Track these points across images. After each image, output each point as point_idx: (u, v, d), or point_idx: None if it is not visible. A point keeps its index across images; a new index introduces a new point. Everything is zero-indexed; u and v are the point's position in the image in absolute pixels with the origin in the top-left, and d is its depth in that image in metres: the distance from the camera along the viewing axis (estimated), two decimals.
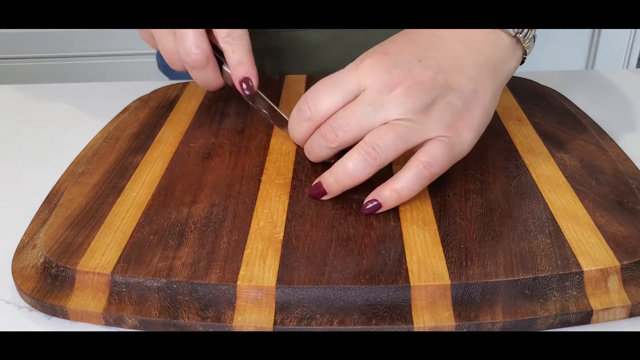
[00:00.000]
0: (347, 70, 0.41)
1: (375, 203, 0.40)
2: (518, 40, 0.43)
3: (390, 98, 0.39)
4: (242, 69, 0.48)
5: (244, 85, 0.48)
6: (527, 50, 0.44)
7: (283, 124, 0.49)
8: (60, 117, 0.61)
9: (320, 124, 0.42)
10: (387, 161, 0.39)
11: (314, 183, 0.42)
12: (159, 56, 0.80)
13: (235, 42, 0.48)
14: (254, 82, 0.48)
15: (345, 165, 0.40)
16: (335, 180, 0.40)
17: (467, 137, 0.40)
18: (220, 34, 0.48)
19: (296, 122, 0.43)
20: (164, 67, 0.79)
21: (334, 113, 0.41)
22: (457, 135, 0.40)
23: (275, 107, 0.49)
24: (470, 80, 0.41)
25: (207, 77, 0.49)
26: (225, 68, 0.50)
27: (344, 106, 0.41)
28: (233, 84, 0.50)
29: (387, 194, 0.40)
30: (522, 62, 0.45)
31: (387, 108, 0.39)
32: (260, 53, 0.70)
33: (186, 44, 0.47)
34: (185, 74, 0.74)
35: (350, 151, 0.40)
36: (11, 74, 1.86)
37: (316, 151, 0.43)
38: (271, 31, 0.68)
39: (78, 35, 1.80)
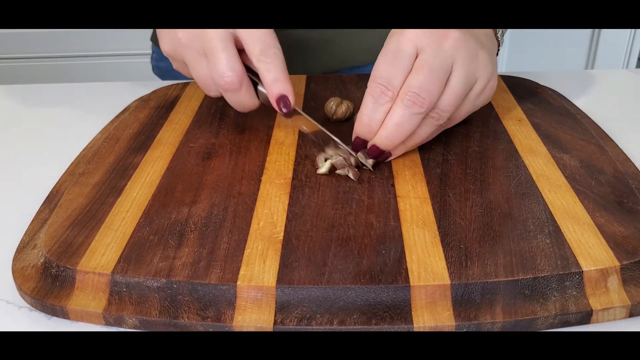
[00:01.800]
0: (396, 41, 0.43)
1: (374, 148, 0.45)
2: (496, 34, 0.50)
3: (448, 47, 0.43)
4: (278, 87, 0.47)
5: (281, 103, 0.47)
6: (500, 43, 0.51)
7: (324, 138, 0.48)
8: (60, 117, 0.61)
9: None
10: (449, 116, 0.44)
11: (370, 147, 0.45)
12: (154, 58, 0.81)
13: (269, 60, 0.47)
14: (291, 99, 0.47)
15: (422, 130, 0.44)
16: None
17: (495, 82, 0.47)
18: (253, 52, 0.47)
19: (376, 108, 0.43)
20: (159, 70, 0.80)
21: (407, 82, 0.42)
22: (493, 81, 0.46)
23: (316, 123, 0.48)
24: (486, 39, 0.46)
25: (241, 100, 0.48)
26: (260, 88, 0.48)
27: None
28: (269, 103, 0.48)
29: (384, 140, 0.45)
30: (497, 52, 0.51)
31: (450, 56, 0.43)
32: None
33: (219, 67, 0.46)
34: (178, 75, 0.74)
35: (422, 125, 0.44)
36: (11, 74, 1.86)
37: (407, 127, 0.43)
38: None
39: (78, 35, 1.80)
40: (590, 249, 0.37)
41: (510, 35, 1.76)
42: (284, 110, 0.47)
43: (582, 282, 0.35)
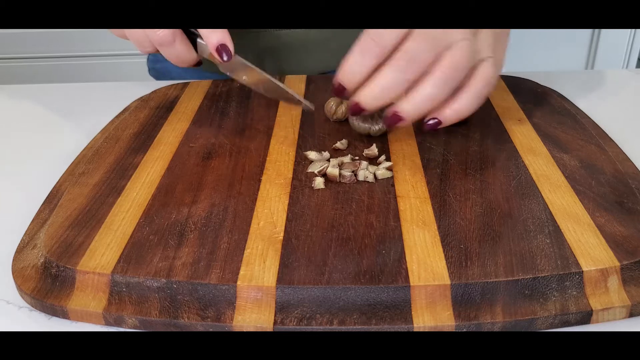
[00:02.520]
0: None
1: (436, 120, 0.43)
2: None
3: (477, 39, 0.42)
4: (216, 36, 0.47)
5: (223, 52, 0.47)
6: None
7: (275, 91, 0.49)
8: (60, 117, 0.61)
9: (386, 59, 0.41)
10: (459, 81, 0.42)
11: (390, 113, 0.42)
12: (150, 60, 0.81)
13: None
14: (230, 46, 0.48)
15: (425, 91, 0.41)
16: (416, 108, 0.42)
17: (501, 58, 0.45)
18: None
19: (361, 61, 0.41)
20: (155, 72, 0.79)
21: (401, 47, 0.40)
22: (496, 56, 0.44)
23: (264, 73, 0.49)
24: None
25: (178, 53, 0.50)
26: (199, 41, 0.50)
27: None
28: (211, 57, 0.49)
29: (447, 113, 0.43)
30: None
31: (449, 32, 0.41)
32: (260, 52, 0.70)
33: None
34: (175, 77, 0.74)
35: (429, 78, 0.41)
36: (11, 74, 1.86)
37: (391, 87, 0.41)
38: (270, 30, 0.68)
39: (78, 35, 1.80)
40: (590, 249, 0.37)
41: (511, 35, 1.76)
42: (225, 58, 0.47)
43: (582, 282, 0.35)
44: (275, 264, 0.36)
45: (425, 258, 0.36)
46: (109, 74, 1.85)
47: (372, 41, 0.41)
